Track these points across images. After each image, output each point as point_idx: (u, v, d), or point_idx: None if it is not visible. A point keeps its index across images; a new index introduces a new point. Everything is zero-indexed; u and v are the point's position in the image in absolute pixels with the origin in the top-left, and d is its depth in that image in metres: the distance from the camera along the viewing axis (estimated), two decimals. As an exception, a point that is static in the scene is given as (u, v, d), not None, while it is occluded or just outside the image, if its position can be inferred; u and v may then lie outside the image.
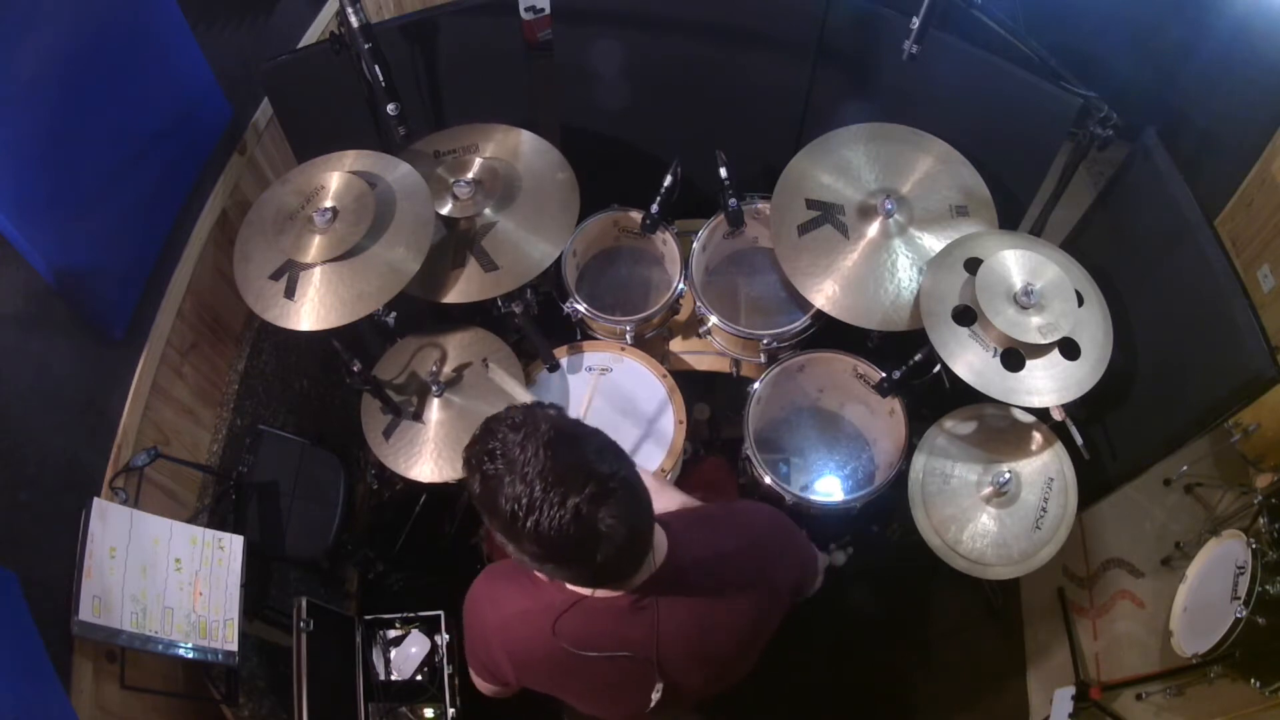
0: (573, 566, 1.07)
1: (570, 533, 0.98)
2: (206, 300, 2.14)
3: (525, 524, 0.98)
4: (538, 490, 0.98)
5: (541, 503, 0.97)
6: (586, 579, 1.14)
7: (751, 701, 1.78)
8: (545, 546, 1.00)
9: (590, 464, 1.01)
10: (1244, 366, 1.66)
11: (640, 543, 1.10)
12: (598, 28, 2.30)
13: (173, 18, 1.90)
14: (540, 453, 0.99)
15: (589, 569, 1.06)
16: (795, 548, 1.41)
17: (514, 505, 0.98)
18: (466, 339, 2.10)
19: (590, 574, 1.11)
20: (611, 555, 1.03)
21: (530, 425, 1.03)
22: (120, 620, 1.56)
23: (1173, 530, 2.44)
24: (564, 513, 0.97)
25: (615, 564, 1.08)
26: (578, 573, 1.11)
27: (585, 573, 1.10)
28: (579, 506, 0.98)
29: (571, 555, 1.03)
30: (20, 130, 1.54)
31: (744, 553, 1.30)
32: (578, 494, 0.98)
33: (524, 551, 1.04)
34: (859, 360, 2.11)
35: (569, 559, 1.04)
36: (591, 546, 1.01)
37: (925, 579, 2.58)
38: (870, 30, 2.15)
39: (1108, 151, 1.92)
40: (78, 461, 1.70)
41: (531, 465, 0.99)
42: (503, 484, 0.99)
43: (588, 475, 1.00)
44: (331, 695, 1.95)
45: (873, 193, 2.01)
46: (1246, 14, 2.54)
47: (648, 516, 1.10)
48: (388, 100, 2.03)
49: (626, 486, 1.03)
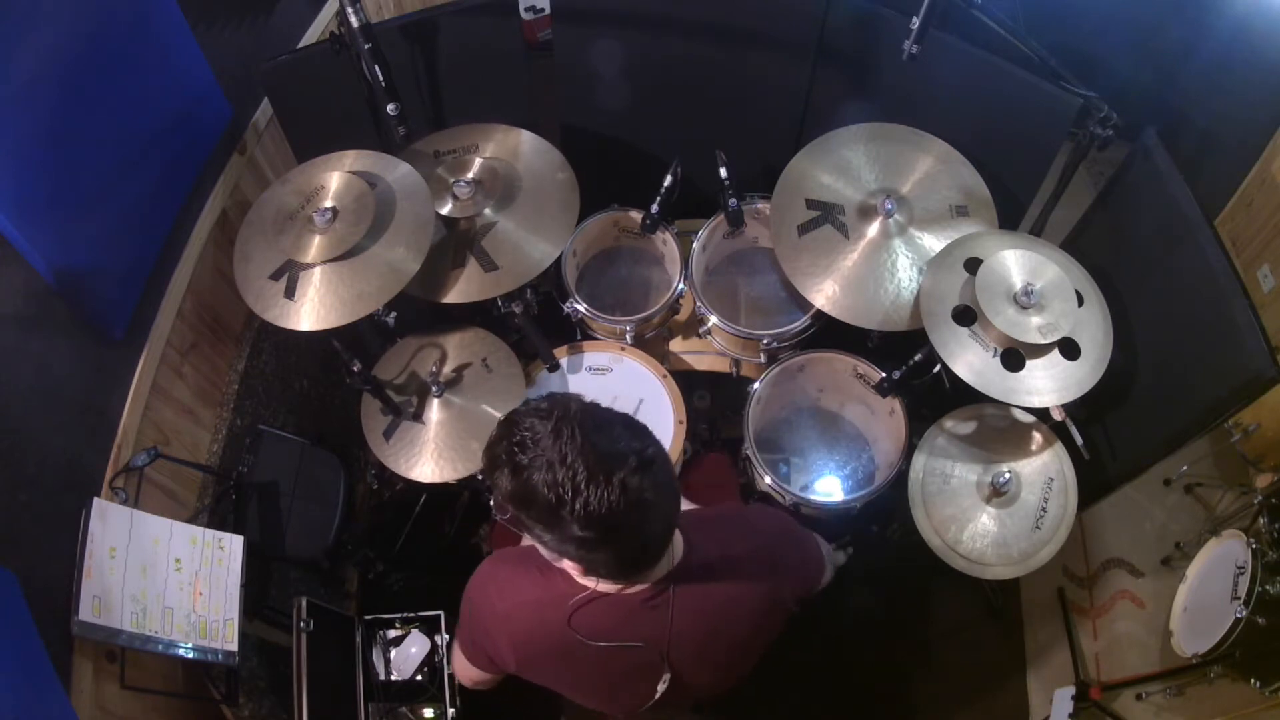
0: (622, 545, 1.06)
1: (619, 508, 0.98)
2: (206, 300, 2.14)
3: (573, 507, 0.98)
4: (581, 472, 0.98)
5: (588, 483, 0.97)
6: (627, 563, 1.13)
7: (751, 701, 1.78)
8: (595, 528, 1.00)
9: (624, 440, 1.02)
10: (1244, 366, 1.66)
11: (672, 520, 1.11)
12: (598, 28, 2.30)
13: (173, 18, 1.90)
14: (577, 435, 0.99)
15: (635, 547, 1.07)
16: (804, 555, 1.41)
17: (558, 491, 0.98)
18: (466, 339, 2.10)
19: (633, 555, 1.10)
20: (658, 530, 1.05)
21: (560, 410, 1.03)
22: (120, 620, 1.55)
23: (1173, 530, 2.44)
24: (611, 490, 0.98)
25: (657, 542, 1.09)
26: (620, 555, 1.09)
27: (629, 553, 1.09)
28: (625, 481, 0.98)
29: (623, 534, 1.03)
30: (20, 130, 1.54)
31: (754, 556, 1.30)
32: (622, 469, 0.98)
33: (568, 539, 1.03)
34: (859, 360, 2.11)
35: (620, 538, 1.04)
36: (639, 520, 1.02)
37: (925, 579, 2.58)
38: (870, 30, 2.15)
39: (1108, 151, 1.92)
40: (78, 461, 1.70)
41: (570, 449, 0.99)
42: (540, 472, 0.99)
43: (625, 451, 1.01)
44: (331, 695, 1.95)
45: (873, 193, 2.01)
46: (1246, 14, 2.54)
47: (678, 493, 1.11)
48: (388, 100, 2.03)
49: (662, 458, 1.05)
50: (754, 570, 1.29)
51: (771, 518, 1.45)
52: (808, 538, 1.45)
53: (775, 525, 1.41)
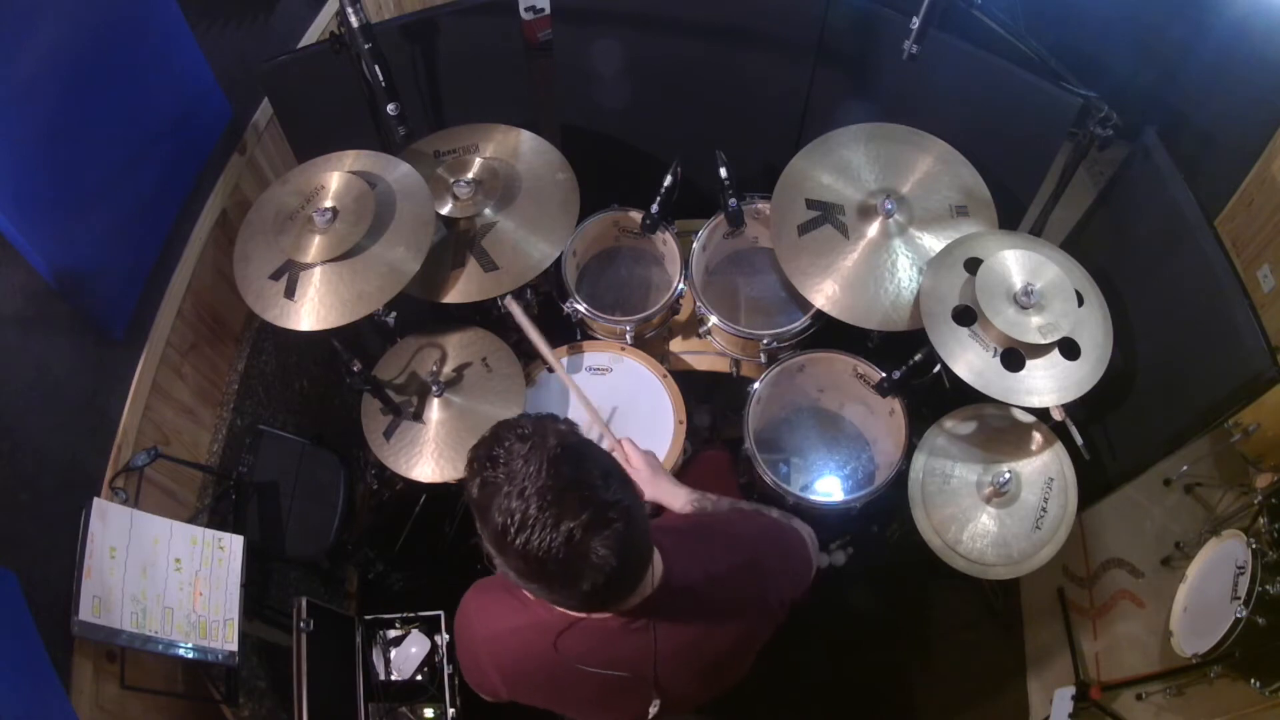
0: (557, 591, 1.03)
1: (559, 557, 0.95)
2: (206, 300, 2.14)
3: (515, 540, 0.95)
4: (533, 508, 0.94)
5: (534, 522, 0.94)
6: (573, 604, 1.11)
7: (751, 701, 1.78)
8: (531, 566, 0.97)
9: (593, 489, 0.97)
10: (1244, 366, 1.66)
11: (632, 574, 1.07)
12: (598, 28, 2.30)
13: (173, 18, 1.90)
14: (543, 469, 0.96)
15: (575, 596, 1.03)
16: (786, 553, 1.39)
17: (506, 519, 0.95)
18: (466, 339, 2.10)
19: (576, 601, 1.07)
20: (600, 585, 0.99)
21: (538, 438, 0.99)
22: (120, 620, 1.55)
23: (1173, 530, 2.44)
24: (555, 536, 0.94)
25: (603, 593, 1.04)
26: (563, 597, 1.07)
27: (571, 599, 1.07)
28: (572, 532, 0.94)
29: (556, 580, 0.99)
30: (20, 130, 1.54)
31: (739, 570, 1.28)
32: (573, 519, 0.94)
33: (509, 566, 1.01)
34: (859, 360, 2.11)
35: (553, 584, 1.01)
36: (577, 574, 0.97)
37: (925, 579, 2.58)
38: (870, 30, 2.15)
39: (1108, 151, 1.93)
40: (78, 461, 1.70)
41: (531, 481, 0.95)
42: (499, 494, 0.96)
43: (587, 501, 0.96)
44: (331, 695, 1.95)
45: (873, 193, 2.01)
46: (1246, 14, 2.54)
47: (644, 547, 1.07)
48: (388, 100, 2.03)
49: (626, 517, 0.98)
50: (740, 582, 1.27)
51: (753, 524, 1.42)
52: (790, 534, 1.41)
53: (756, 528, 1.39)
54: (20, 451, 1.54)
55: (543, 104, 2.48)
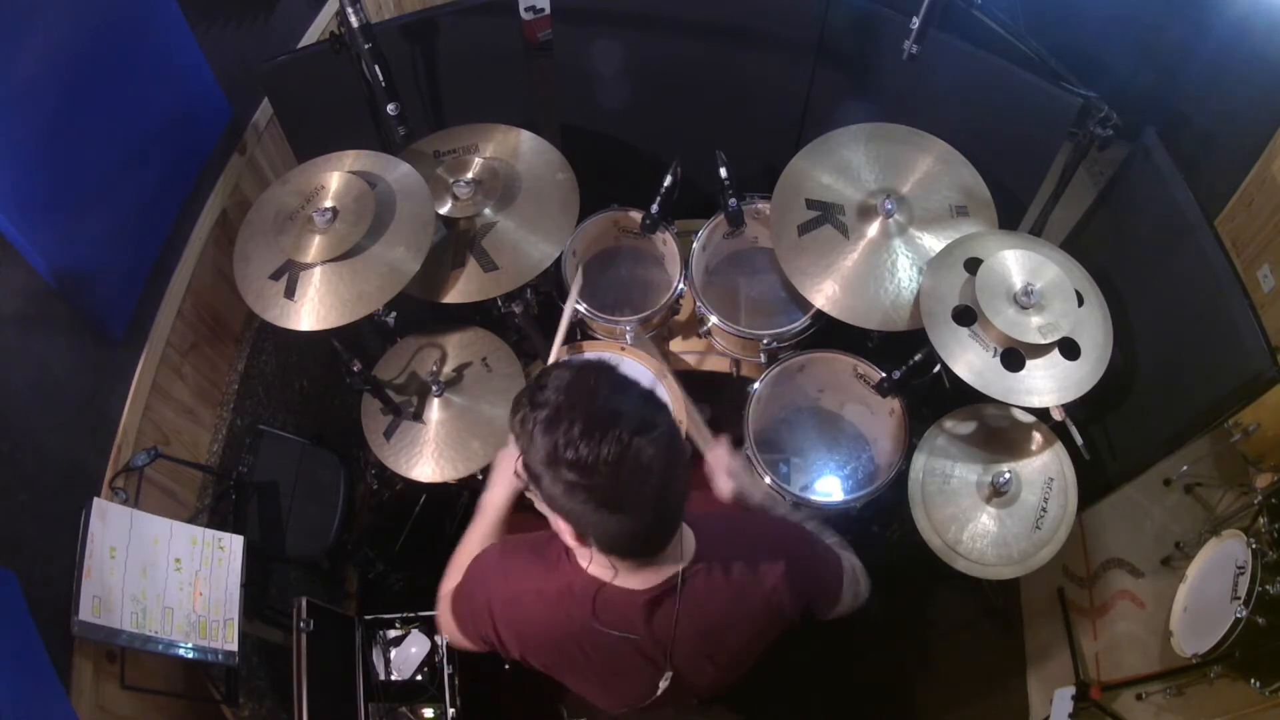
0: (603, 508, 1.05)
1: (609, 459, 1.00)
2: (206, 300, 2.14)
3: (566, 450, 1.00)
4: (580, 422, 1.00)
5: (584, 433, 1.00)
6: (612, 531, 1.11)
7: (752, 701, 1.78)
8: (582, 475, 1.01)
9: (636, 406, 1.05)
10: (1244, 366, 1.66)
11: (675, 499, 1.11)
12: (598, 28, 2.30)
13: (173, 18, 1.90)
14: (588, 387, 1.04)
15: (621, 511, 1.05)
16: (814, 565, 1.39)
17: (557, 435, 1.01)
18: (466, 339, 2.10)
19: (617, 526, 1.08)
20: (650, 498, 1.04)
21: (584, 365, 1.09)
22: (120, 620, 1.56)
23: (1173, 530, 2.44)
24: (606, 439, 1.00)
25: (655, 517, 1.09)
26: (606, 517, 1.07)
27: (614, 519, 1.07)
28: (620, 434, 1.00)
29: (605, 491, 1.03)
30: (20, 130, 1.54)
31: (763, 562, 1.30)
32: (619, 426, 1.01)
33: (558, 487, 1.04)
34: (859, 360, 2.11)
35: (603, 496, 1.04)
36: (627, 482, 1.02)
37: (925, 579, 2.58)
38: (870, 30, 2.15)
39: (1108, 151, 1.93)
40: (78, 461, 1.70)
41: (579, 398, 1.03)
42: (546, 413, 1.03)
43: (633, 412, 1.03)
44: (331, 695, 1.95)
45: (873, 193, 2.01)
46: (1246, 14, 2.54)
47: (685, 473, 1.11)
48: (388, 100, 2.03)
49: (669, 426, 1.07)
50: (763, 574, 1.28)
51: (781, 523, 1.45)
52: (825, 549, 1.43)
53: (785, 530, 1.42)
54: (20, 451, 1.54)
55: (543, 104, 2.48)
